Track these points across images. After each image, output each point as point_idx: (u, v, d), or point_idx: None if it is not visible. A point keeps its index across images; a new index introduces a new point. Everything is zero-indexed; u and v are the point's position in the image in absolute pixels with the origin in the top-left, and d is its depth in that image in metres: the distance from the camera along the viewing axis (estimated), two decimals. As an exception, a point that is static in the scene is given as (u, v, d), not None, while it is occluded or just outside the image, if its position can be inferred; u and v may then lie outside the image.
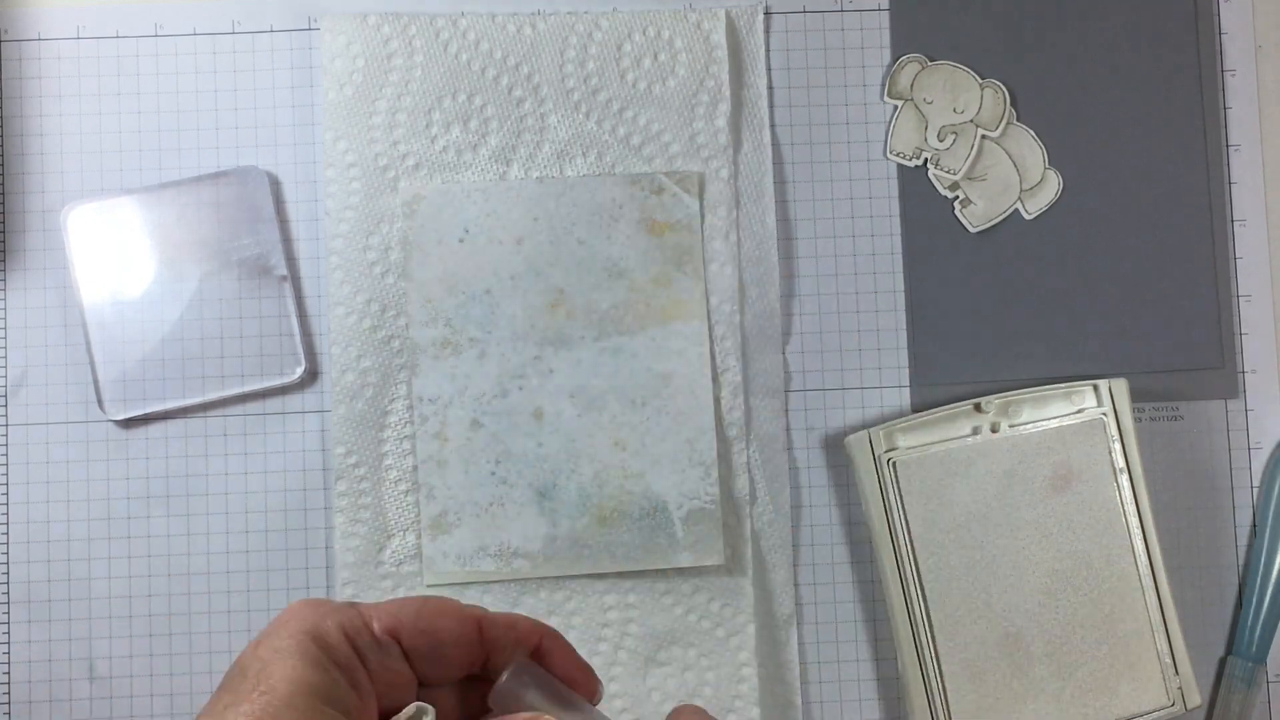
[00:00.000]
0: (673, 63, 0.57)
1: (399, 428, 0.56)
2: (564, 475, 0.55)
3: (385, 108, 0.56)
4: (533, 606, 0.55)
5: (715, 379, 0.56)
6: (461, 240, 0.56)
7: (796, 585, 0.57)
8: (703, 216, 0.57)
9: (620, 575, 0.56)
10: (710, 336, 0.57)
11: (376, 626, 0.34)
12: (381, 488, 0.56)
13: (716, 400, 0.56)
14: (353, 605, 0.35)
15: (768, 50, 0.59)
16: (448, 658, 0.35)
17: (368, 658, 0.34)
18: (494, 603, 0.55)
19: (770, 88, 0.59)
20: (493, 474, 0.55)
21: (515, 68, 0.57)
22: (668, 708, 0.55)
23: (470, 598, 0.55)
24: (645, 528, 0.55)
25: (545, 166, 0.57)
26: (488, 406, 0.56)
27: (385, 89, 0.56)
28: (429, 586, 0.55)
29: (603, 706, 0.56)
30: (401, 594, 0.55)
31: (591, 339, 0.56)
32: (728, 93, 0.57)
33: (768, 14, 0.59)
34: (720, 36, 0.57)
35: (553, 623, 0.55)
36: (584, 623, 0.55)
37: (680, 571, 0.56)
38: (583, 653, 0.43)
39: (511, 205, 0.56)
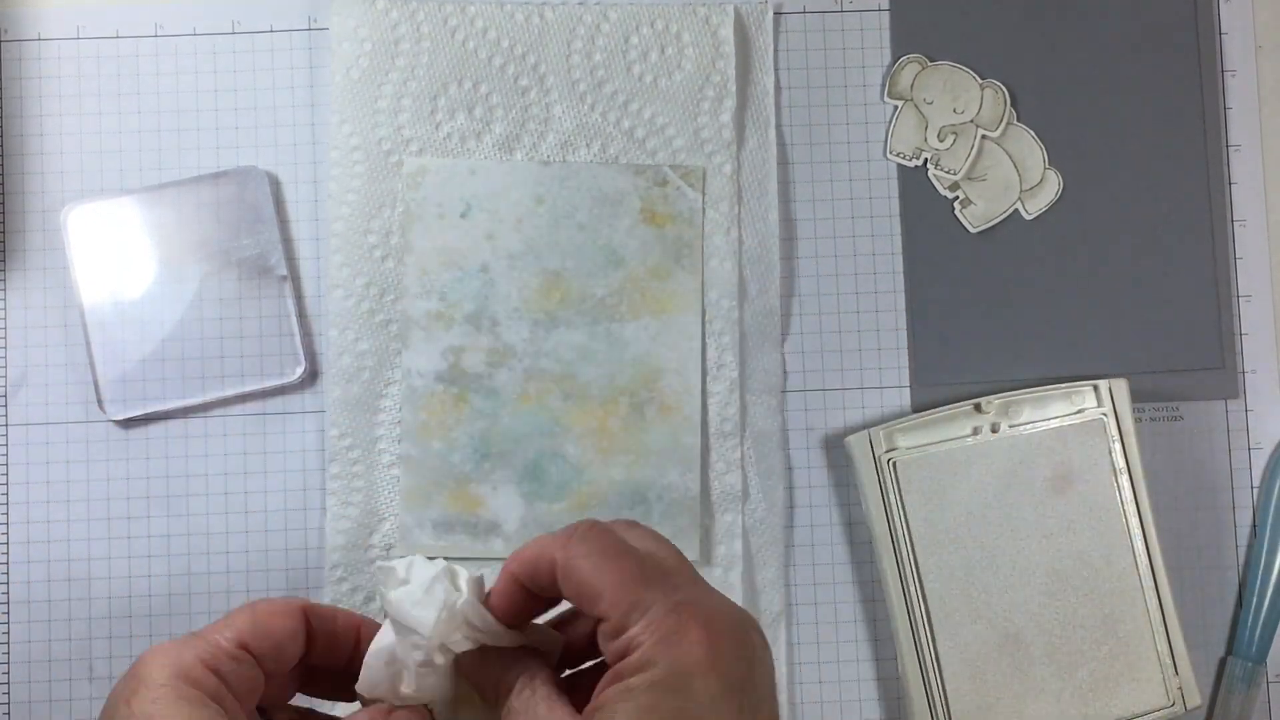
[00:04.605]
0: (679, 57, 0.57)
1: (393, 411, 0.56)
2: (546, 457, 0.55)
3: (391, 92, 0.57)
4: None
5: (711, 374, 0.57)
6: (463, 215, 0.56)
7: (789, 584, 0.57)
8: (704, 211, 0.57)
9: None
10: (705, 332, 0.57)
11: (226, 645, 0.38)
12: (374, 471, 0.56)
13: (707, 395, 0.56)
14: (196, 635, 0.39)
15: (776, 49, 0.59)
16: (287, 650, 0.39)
17: (229, 678, 0.38)
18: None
19: (776, 86, 0.59)
20: (475, 450, 0.55)
21: (522, 57, 0.57)
22: None
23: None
24: (623, 517, 0.55)
25: (549, 156, 0.57)
26: (475, 383, 0.56)
27: (391, 74, 0.57)
28: (402, 558, 0.55)
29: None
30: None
31: (585, 324, 0.56)
32: (733, 88, 0.57)
33: (778, 14, 0.59)
34: (728, 32, 0.57)
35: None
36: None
37: None
38: None
39: (515, 185, 0.56)
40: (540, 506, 0.55)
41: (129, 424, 0.56)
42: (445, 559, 0.39)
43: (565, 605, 0.40)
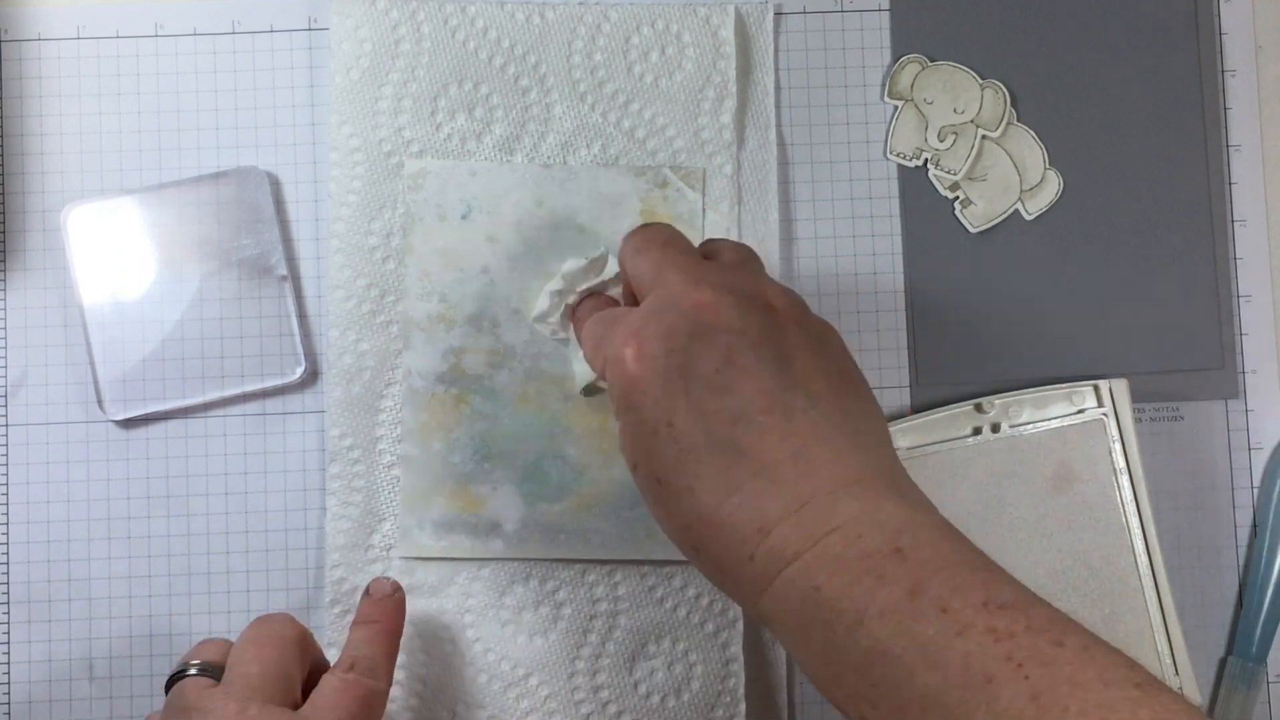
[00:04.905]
0: (680, 57, 0.57)
1: (394, 412, 0.56)
2: (546, 458, 0.55)
3: (391, 93, 0.56)
4: (522, 595, 0.55)
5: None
6: (464, 217, 0.56)
7: (796, 585, 0.57)
8: (704, 212, 0.57)
9: (609, 568, 0.56)
10: None
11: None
12: (374, 471, 0.56)
13: None
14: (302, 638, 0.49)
15: (776, 49, 0.59)
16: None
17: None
18: (484, 589, 0.55)
19: (777, 86, 0.58)
20: (475, 451, 0.55)
21: (522, 57, 0.57)
22: (654, 701, 0.55)
23: (458, 584, 0.55)
24: (623, 518, 0.55)
25: (549, 157, 0.57)
26: (475, 384, 0.56)
27: (391, 74, 0.57)
28: (403, 559, 0.55)
29: (588, 699, 0.56)
30: (391, 576, 0.55)
31: None
32: (734, 89, 0.57)
33: (778, 14, 0.59)
34: (729, 33, 0.57)
35: (542, 613, 0.55)
36: (573, 614, 0.56)
37: (669, 565, 0.56)
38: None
39: (516, 187, 0.56)
40: (541, 507, 0.55)
41: (129, 424, 0.56)
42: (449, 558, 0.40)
43: None
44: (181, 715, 0.45)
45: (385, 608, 0.51)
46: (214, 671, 0.47)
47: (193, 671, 0.48)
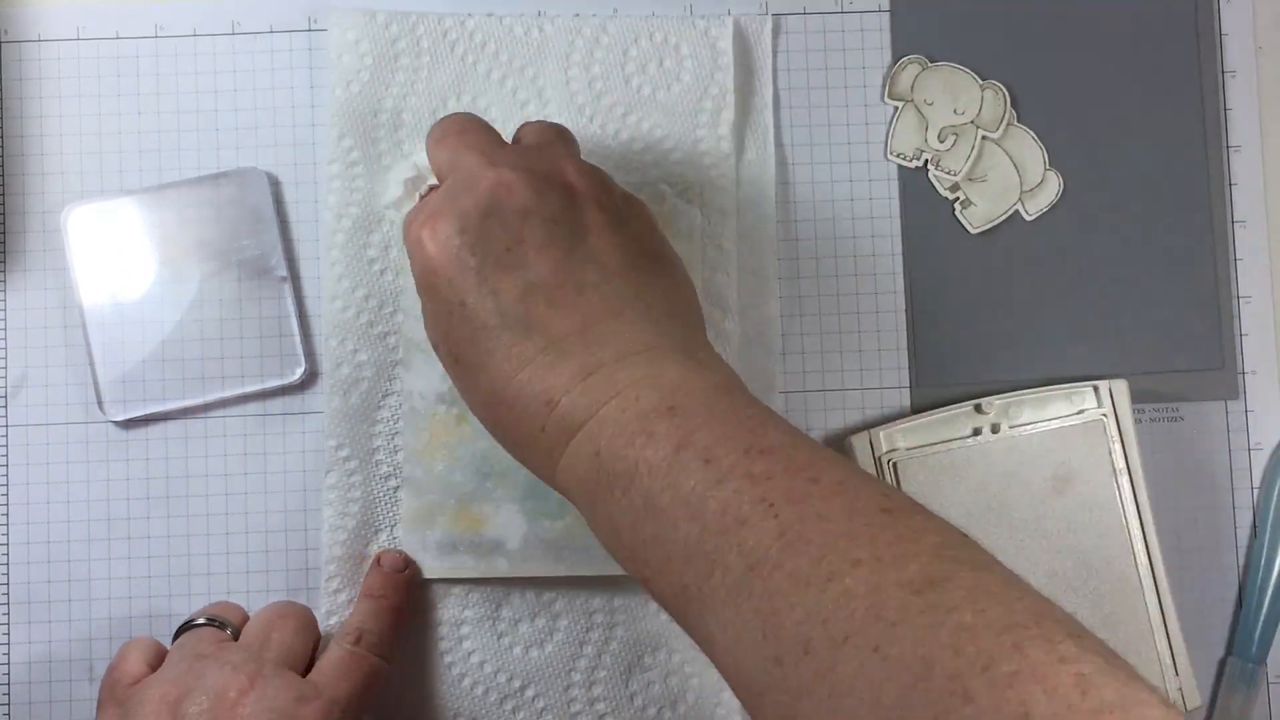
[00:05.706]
0: (678, 69, 0.57)
1: (390, 423, 0.56)
2: None
3: (391, 106, 0.56)
4: (518, 607, 0.55)
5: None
6: None
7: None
8: (702, 224, 0.56)
9: (606, 580, 0.55)
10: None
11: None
12: (371, 483, 0.55)
13: None
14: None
15: (775, 60, 0.58)
16: None
17: None
18: (480, 601, 0.55)
19: (775, 97, 0.58)
20: (477, 470, 0.55)
21: (520, 70, 0.57)
22: (650, 714, 0.55)
23: (455, 595, 0.55)
24: None
25: None
26: None
27: (391, 87, 0.56)
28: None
29: (584, 711, 0.56)
30: None
31: None
32: (732, 100, 0.57)
33: (778, 15, 0.59)
34: (727, 44, 0.57)
35: (538, 624, 0.55)
36: (569, 625, 0.55)
37: None
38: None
39: None
40: (543, 524, 0.55)
41: (129, 425, 0.56)
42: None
43: None
44: (198, 660, 0.48)
45: (395, 583, 0.53)
46: (226, 627, 0.51)
47: (201, 622, 0.51)
